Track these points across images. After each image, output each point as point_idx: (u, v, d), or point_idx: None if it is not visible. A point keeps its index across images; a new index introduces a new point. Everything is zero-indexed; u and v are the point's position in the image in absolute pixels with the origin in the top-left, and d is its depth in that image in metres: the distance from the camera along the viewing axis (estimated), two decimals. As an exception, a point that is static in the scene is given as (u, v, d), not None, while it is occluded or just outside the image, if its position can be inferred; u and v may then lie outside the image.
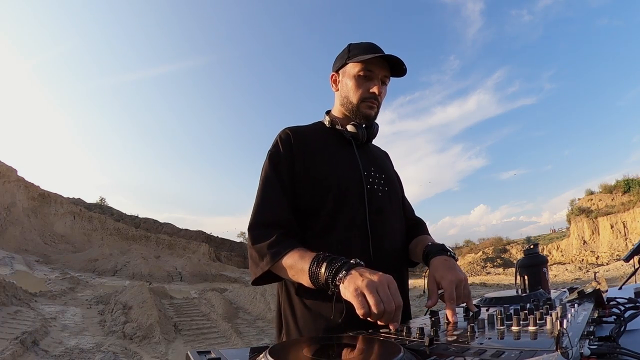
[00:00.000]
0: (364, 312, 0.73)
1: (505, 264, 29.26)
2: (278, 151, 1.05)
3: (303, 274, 0.86)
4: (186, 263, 23.71)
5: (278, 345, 0.57)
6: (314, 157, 1.05)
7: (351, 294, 0.75)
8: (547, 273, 1.22)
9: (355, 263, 0.82)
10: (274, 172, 1.03)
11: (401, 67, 1.08)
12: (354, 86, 1.08)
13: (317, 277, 0.83)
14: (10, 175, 26.15)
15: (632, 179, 27.26)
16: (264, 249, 0.93)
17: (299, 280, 0.90)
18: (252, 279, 0.99)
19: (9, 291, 8.87)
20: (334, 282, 0.79)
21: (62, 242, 26.11)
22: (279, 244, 0.93)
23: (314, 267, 0.84)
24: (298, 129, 1.11)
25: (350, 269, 0.79)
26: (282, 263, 0.91)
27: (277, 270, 0.94)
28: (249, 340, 8.33)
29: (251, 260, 0.99)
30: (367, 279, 0.75)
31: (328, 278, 0.80)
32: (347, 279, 0.77)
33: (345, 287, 0.76)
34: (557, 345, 0.41)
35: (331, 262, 0.82)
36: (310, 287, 0.88)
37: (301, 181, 1.02)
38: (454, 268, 0.92)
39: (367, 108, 1.09)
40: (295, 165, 1.03)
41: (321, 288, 0.84)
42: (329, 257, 0.84)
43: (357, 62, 1.05)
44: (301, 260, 0.88)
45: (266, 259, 0.93)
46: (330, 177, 1.03)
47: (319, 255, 0.86)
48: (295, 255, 0.90)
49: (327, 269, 0.81)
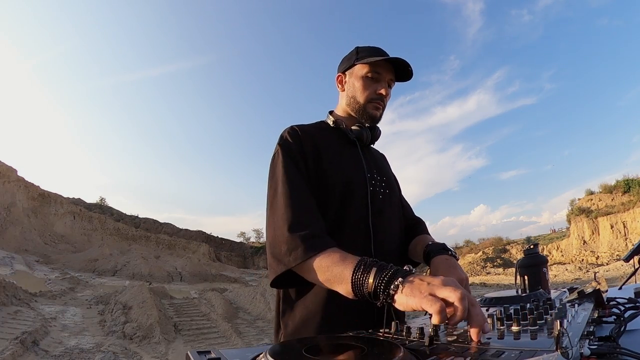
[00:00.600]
0: (441, 317, 0.59)
1: (505, 264, 29.26)
2: (290, 144, 1.01)
3: (342, 280, 0.76)
4: (186, 263, 23.71)
5: (278, 346, 0.57)
6: (320, 155, 1.04)
7: (421, 301, 0.61)
8: (547, 273, 1.22)
9: (409, 270, 0.71)
10: (293, 163, 0.98)
11: (407, 71, 1.09)
12: (362, 87, 1.09)
13: (362, 286, 0.72)
14: (10, 175, 26.15)
15: (632, 179, 27.27)
16: (296, 241, 0.83)
17: (333, 286, 0.80)
18: (273, 277, 0.88)
19: (9, 291, 8.87)
20: (387, 292, 0.68)
21: (62, 242, 26.11)
22: (315, 237, 0.84)
23: (358, 273, 0.73)
24: (303, 127, 1.10)
25: (407, 276, 0.68)
26: (314, 262, 0.81)
27: (304, 270, 0.84)
28: (249, 340, 8.33)
29: (272, 256, 0.88)
30: (433, 284, 0.64)
31: (378, 287, 0.69)
32: (407, 287, 0.65)
33: (409, 296, 0.64)
34: (557, 345, 0.41)
35: (381, 269, 0.71)
36: (348, 296, 0.77)
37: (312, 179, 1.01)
38: (456, 268, 0.92)
39: (373, 109, 1.10)
40: (307, 160, 1.01)
41: (364, 298, 0.74)
42: (378, 263, 0.73)
43: (365, 63, 1.07)
44: (342, 263, 0.78)
45: (296, 253, 0.82)
46: (336, 176, 1.02)
47: (364, 259, 0.75)
48: (334, 256, 0.80)
49: (377, 277, 0.70)
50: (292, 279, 0.88)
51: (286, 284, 0.91)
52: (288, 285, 0.93)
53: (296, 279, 0.88)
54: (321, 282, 0.82)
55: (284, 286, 0.95)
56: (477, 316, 0.57)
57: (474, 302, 0.59)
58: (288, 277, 0.88)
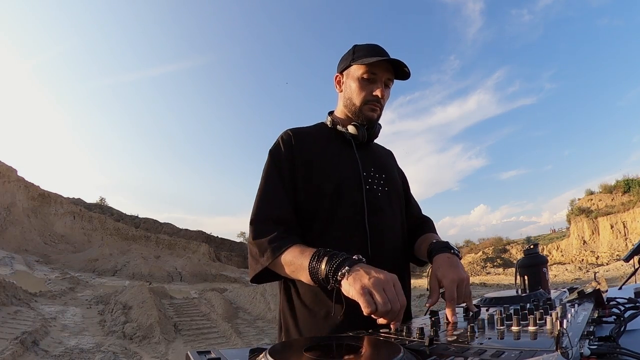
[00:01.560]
0: (370, 310, 0.72)
1: (505, 264, 29.27)
2: (279, 150, 1.07)
3: (302, 269, 0.86)
4: (186, 263, 23.71)
5: (278, 345, 0.57)
6: (313, 158, 1.06)
7: (357, 292, 0.73)
8: (547, 273, 1.22)
9: (358, 259, 0.81)
10: (276, 169, 1.05)
11: (404, 70, 1.08)
12: (357, 88, 1.08)
13: (317, 273, 0.82)
14: (10, 175, 26.15)
15: (632, 179, 27.26)
16: (264, 244, 0.93)
17: (298, 276, 0.89)
18: (251, 276, 0.98)
19: (9, 291, 8.87)
20: (335, 278, 0.78)
21: (62, 242, 26.11)
22: (280, 239, 0.93)
23: (314, 262, 0.83)
24: (299, 130, 1.12)
25: (353, 265, 0.78)
26: (281, 259, 0.90)
27: (276, 267, 0.93)
28: (249, 340, 8.33)
29: (251, 256, 0.98)
30: (373, 277, 0.74)
31: (329, 273, 0.79)
32: (351, 276, 0.76)
33: (350, 284, 0.75)
34: (557, 345, 0.41)
35: (332, 258, 0.81)
36: (310, 283, 0.87)
37: (301, 182, 1.03)
38: (457, 266, 0.92)
39: (369, 110, 1.09)
40: (295, 165, 1.04)
41: (321, 284, 0.84)
42: (330, 253, 0.83)
43: (361, 64, 1.06)
44: (301, 255, 0.87)
45: (267, 254, 0.92)
46: (329, 177, 1.03)
47: (319, 250, 0.85)
48: (295, 251, 0.89)
49: (328, 264, 0.80)
50: (267, 275, 0.97)
51: (263, 279, 0.99)
52: (265, 281, 1.00)
53: (271, 274, 0.97)
54: (289, 274, 0.92)
55: (262, 282, 1.01)
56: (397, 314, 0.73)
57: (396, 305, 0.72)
58: (264, 274, 0.97)
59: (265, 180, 1.05)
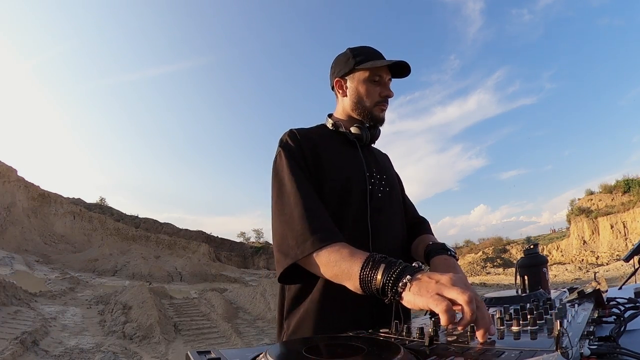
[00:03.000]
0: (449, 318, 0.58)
1: (505, 264, 29.27)
2: (292, 148, 1.03)
3: (349, 276, 0.76)
4: (186, 263, 23.71)
5: (278, 345, 0.57)
6: (319, 156, 1.06)
7: (433, 301, 0.60)
8: (547, 273, 1.22)
9: (418, 267, 0.71)
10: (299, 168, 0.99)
11: (404, 70, 1.11)
12: (367, 91, 1.10)
13: (370, 282, 0.72)
14: (10, 175, 26.15)
15: (632, 179, 27.26)
16: (305, 234, 0.83)
17: (341, 281, 0.80)
18: (281, 270, 0.87)
19: (9, 291, 8.87)
20: (395, 289, 0.68)
21: (62, 242, 26.11)
22: (325, 230, 0.84)
23: (367, 269, 0.73)
24: (303, 130, 1.12)
25: (415, 274, 0.68)
26: (323, 256, 0.81)
27: (311, 264, 0.83)
28: (249, 340, 8.33)
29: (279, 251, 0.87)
30: (441, 282, 0.63)
31: (387, 284, 0.69)
32: (415, 285, 0.65)
33: (416, 294, 0.64)
34: (557, 345, 0.41)
35: (390, 266, 0.71)
36: (357, 292, 0.77)
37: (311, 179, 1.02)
38: (454, 268, 0.92)
39: (380, 111, 1.12)
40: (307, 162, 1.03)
41: (372, 295, 0.74)
42: (386, 260, 0.73)
43: (367, 68, 1.08)
44: (350, 258, 0.78)
45: (306, 244, 0.82)
46: (335, 176, 1.04)
47: (373, 255, 0.76)
48: (343, 251, 0.80)
49: (385, 274, 0.70)
50: (299, 274, 0.88)
51: (293, 279, 0.91)
52: (295, 281, 0.93)
53: (303, 274, 0.88)
54: (328, 276, 0.82)
55: (292, 282, 0.94)
56: (483, 319, 0.56)
57: (481, 304, 0.58)
58: (295, 273, 0.88)
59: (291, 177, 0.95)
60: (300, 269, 0.87)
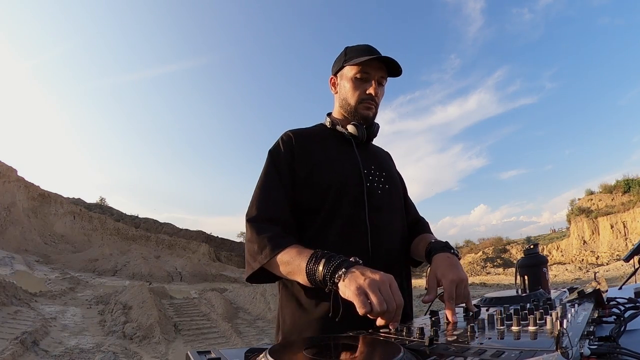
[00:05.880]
0: (365, 310, 0.72)
1: (505, 264, 29.28)
2: (279, 150, 1.08)
3: (299, 271, 0.86)
4: (186, 263, 23.72)
5: (278, 345, 0.57)
6: (315, 157, 1.06)
7: (352, 293, 0.74)
8: (547, 273, 1.22)
9: (355, 261, 0.81)
10: (274, 168, 1.05)
11: (397, 67, 1.09)
12: (351, 88, 1.10)
13: (314, 275, 0.82)
14: (10, 175, 26.16)
15: (632, 179, 27.27)
16: (264, 241, 0.92)
17: (295, 277, 0.89)
18: (247, 275, 0.97)
19: (9, 291, 8.87)
20: (332, 280, 0.79)
21: (62, 242, 26.12)
22: (278, 237, 0.93)
23: (311, 264, 0.83)
24: (299, 131, 1.13)
25: (350, 267, 0.78)
26: (279, 259, 0.90)
27: (272, 266, 0.92)
28: (249, 340, 8.33)
29: (248, 254, 0.97)
30: (369, 277, 0.75)
31: (326, 275, 0.80)
32: (347, 277, 0.77)
33: (346, 286, 0.76)
34: (557, 345, 0.41)
35: (329, 260, 0.81)
36: (306, 285, 0.87)
37: (302, 181, 1.04)
38: (456, 267, 0.92)
39: (364, 109, 1.10)
40: (295, 165, 1.05)
41: (318, 286, 0.84)
42: (327, 255, 0.83)
43: (353, 64, 1.08)
44: (299, 256, 0.87)
45: (265, 251, 0.91)
46: (331, 175, 1.04)
47: (316, 252, 0.85)
48: (292, 251, 0.89)
49: (325, 267, 0.80)
50: (263, 275, 0.96)
51: (259, 279, 0.99)
52: (261, 281, 1.00)
53: (267, 274, 0.96)
54: (285, 274, 0.91)
55: (258, 282, 1.01)
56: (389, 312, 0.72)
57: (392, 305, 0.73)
58: (260, 274, 0.96)
59: (263, 179, 1.05)
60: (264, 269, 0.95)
